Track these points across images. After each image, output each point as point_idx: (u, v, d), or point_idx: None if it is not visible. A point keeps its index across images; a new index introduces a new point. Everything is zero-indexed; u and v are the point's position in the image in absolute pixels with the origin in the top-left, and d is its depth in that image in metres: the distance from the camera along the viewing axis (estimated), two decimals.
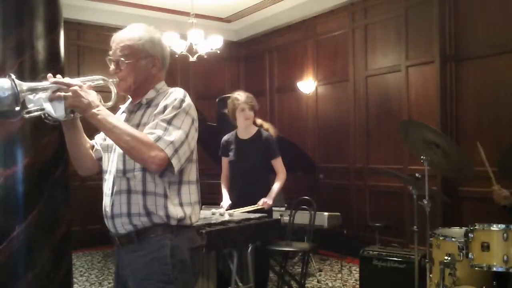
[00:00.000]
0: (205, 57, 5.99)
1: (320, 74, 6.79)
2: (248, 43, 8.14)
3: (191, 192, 1.85)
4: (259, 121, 3.95)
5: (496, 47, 4.77)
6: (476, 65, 4.98)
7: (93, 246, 6.30)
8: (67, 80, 1.68)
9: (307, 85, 6.83)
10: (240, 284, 3.35)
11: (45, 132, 2.65)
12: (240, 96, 3.79)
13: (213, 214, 3.45)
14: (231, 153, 3.86)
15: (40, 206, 2.63)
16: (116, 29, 1.91)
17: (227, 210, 3.64)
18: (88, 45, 6.79)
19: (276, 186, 3.74)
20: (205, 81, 7.77)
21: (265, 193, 3.71)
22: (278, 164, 3.79)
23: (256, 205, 3.65)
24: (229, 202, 3.76)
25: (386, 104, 5.87)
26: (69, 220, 2.85)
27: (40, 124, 2.55)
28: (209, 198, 3.95)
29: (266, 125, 3.96)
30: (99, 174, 1.96)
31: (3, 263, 2.58)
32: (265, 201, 3.64)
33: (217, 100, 5.75)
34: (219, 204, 3.80)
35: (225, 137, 3.93)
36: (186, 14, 6.18)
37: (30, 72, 2.65)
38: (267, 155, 3.77)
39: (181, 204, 1.81)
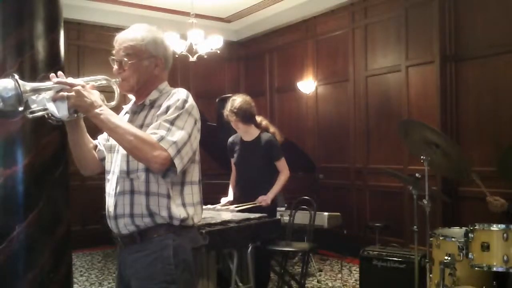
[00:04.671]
0: (205, 57, 6.00)
1: (320, 74, 6.79)
2: (248, 43, 8.14)
3: (193, 193, 1.85)
4: (264, 122, 3.95)
5: (496, 47, 4.77)
6: (476, 65, 4.98)
7: (93, 246, 6.30)
8: (70, 80, 1.68)
9: (307, 85, 6.83)
10: (240, 284, 3.36)
11: (45, 132, 2.65)
12: (229, 104, 3.77)
13: None
14: (235, 155, 3.90)
15: (40, 206, 2.63)
16: (116, 29, 1.91)
17: (224, 206, 3.75)
18: (88, 45, 6.79)
19: (277, 185, 3.78)
20: (205, 81, 7.77)
21: (267, 193, 3.74)
22: (281, 165, 3.83)
23: (253, 203, 3.67)
24: (230, 199, 3.86)
25: (386, 104, 5.87)
26: (69, 220, 2.84)
27: (40, 124, 2.55)
28: (211, 198, 3.97)
29: (272, 129, 3.97)
30: (100, 174, 1.96)
31: (3, 263, 2.57)
32: (264, 199, 3.67)
33: (217, 100, 5.76)
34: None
35: (230, 139, 3.99)
36: (186, 14, 6.18)
37: (30, 72, 2.64)
38: (269, 157, 3.79)
39: (183, 205, 1.81)
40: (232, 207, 3.70)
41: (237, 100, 3.75)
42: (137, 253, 1.79)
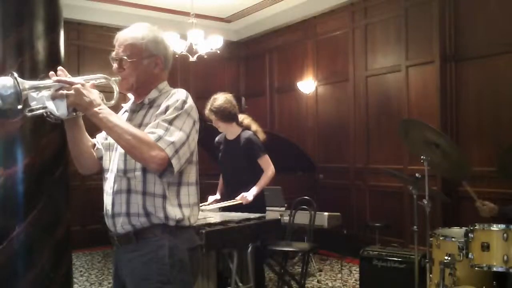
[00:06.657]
0: (205, 57, 6.00)
1: (320, 74, 6.79)
2: (248, 43, 8.14)
3: (190, 194, 1.85)
4: (246, 121, 3.88)
5: (496, 47, 4.77)
6: (476, 65, 4.97)
7: (93, 246, 6.30)
8: (69, 78, 1.69)
9: (307, 85, 6.83)
10: (240, 284, 3.35)
11: (45, 132, 2.65)
12: (209, 102, 3.75)
13: None
14: (219, 154, 3.90)
15: (40, 206, 2.63)
16: (116, 29, 1.91)
17: (209, 204, 3.74)
18: (88, 45, 6.80)
19: (259, 183, 3.70)
20: (205, 81, 7.76)
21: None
22: (264, 162, 3.74)
23: (234, 200, 3.65)
24: (217, 197, 3.86)
25: (386, 104, 5.86)
26: (69, 220, 2.85)
27: (40, 124, 2.55)
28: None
29: (255, 127, 3.89)
30: (99, 174, 1.96)
31: (3, 263, 2.58)
32: (244, 196, 3.62)
33: None
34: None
35: (217, 138, 3.98)
36: (186, 14, 6.18)
37: (30, 72, 2.65)
38: (250, 156, 3.73)
39: (179, 206, 1.81)
40: (211, 206, 3.69)
41: (218, 99, 3.73)
42: (132, 253, 1.79)
